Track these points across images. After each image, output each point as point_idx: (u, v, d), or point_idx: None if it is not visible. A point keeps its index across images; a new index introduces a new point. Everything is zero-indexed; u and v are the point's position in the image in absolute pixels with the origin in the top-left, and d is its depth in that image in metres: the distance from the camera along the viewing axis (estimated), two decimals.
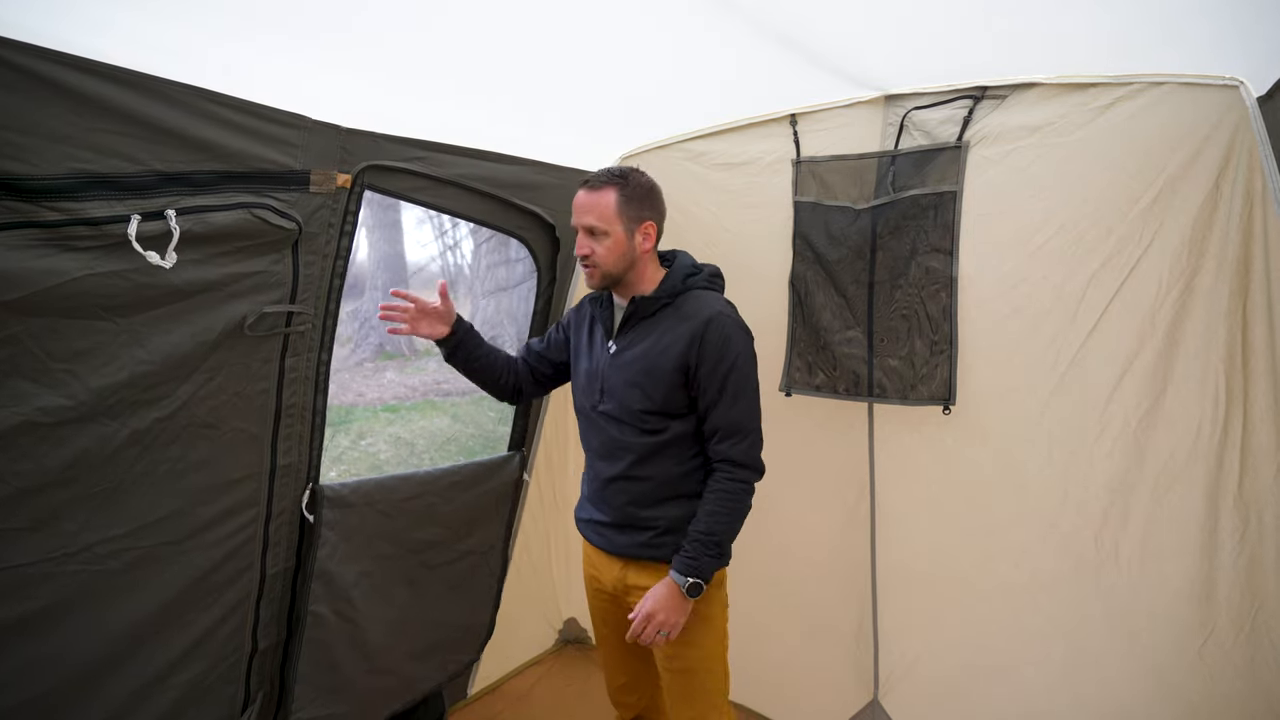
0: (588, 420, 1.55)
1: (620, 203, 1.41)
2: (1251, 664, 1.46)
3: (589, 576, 1.64)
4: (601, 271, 1.44)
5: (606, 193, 1.42)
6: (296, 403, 1.42)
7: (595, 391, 1.50)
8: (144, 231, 1.06)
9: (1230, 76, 1.36)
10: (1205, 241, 1.44)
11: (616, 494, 1.49)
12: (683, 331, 1.41)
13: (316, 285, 1.38)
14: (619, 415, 1.46)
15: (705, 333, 1.39)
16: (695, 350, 1.39)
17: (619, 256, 1.43)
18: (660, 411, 1.43)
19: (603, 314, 1.54)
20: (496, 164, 1.67)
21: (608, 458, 1.50)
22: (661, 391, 1.41)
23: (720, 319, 1.41)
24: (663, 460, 1.45)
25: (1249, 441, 1.44)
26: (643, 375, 1.43)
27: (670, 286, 1.46)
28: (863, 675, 2.02)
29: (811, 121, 1.82)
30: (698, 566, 1.37)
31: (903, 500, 1.88)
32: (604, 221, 1.41)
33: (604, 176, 1.44)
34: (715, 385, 1.40)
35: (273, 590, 1.50)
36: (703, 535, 1.38)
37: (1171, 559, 1.54)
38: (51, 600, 1.13)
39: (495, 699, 2.29)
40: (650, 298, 1.45)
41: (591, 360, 1.53)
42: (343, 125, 1.34)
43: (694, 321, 1.41)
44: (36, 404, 1.03)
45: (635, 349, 1.45)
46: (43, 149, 0.96)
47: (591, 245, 1.43)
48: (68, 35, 0.96)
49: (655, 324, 1.45)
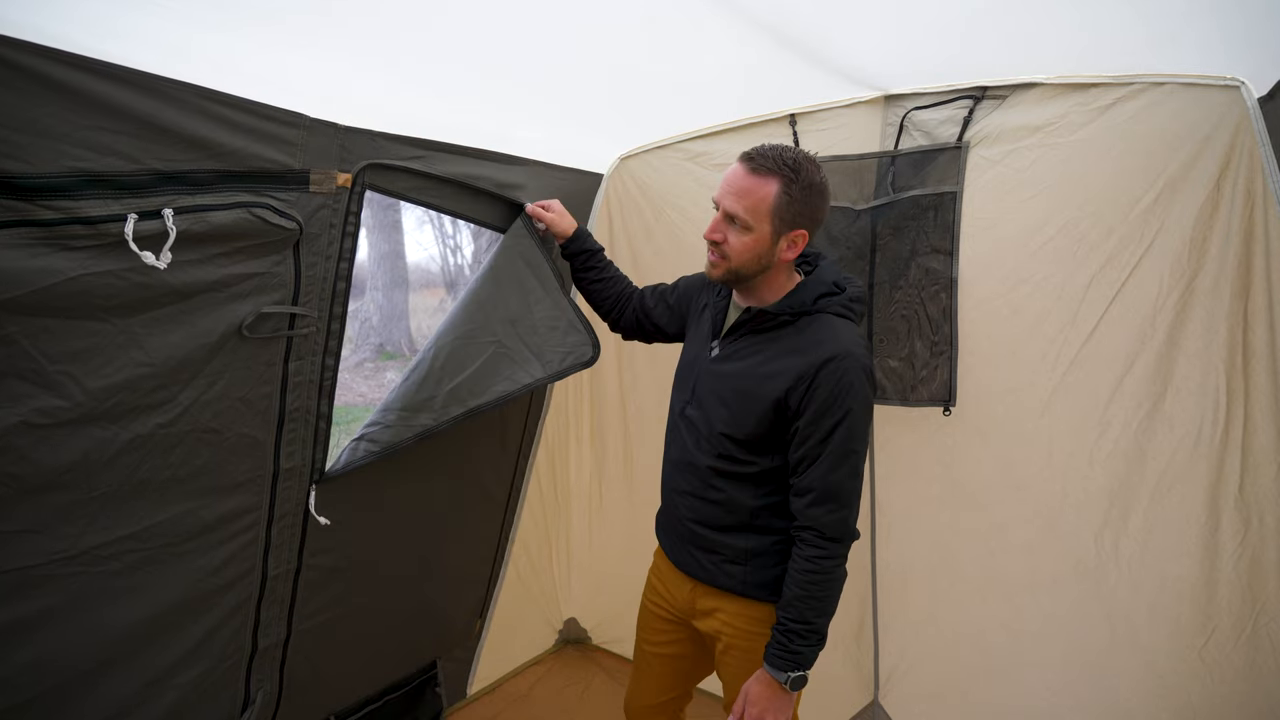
0: (672, 419, 1.41)
1: (780, 200, 1.19)
2: (1252, 665, 1.46)
3: (653, 587, 1.51)
4: (728, 267, 1.24)
5: (769, 182, 1.19)
6: (300, 407, 1.41)
7: (688, 389, 1.36)
8: (141, 231, 1.05)
9: (1231, 77, 1.36)
10: (1206, 242, 1.44)
11: (689, 510, 1.36)
12: (794, 363, 1.20)
13: (320, 287, 1.37)
14: (700, 426, 1.31)
15: (819, 374, 1.18)
16: (803, 390, 1.19)
17: (755, 257, 1.23)
18: (744, 441, 1.25)
19: (716, 304, 1.37)
20: (497, 164, 1.67)
21: (679, 467, 1.37)
22: (751, 423, 1.23)
23: (845, 360, 1.18)
24: (739, 486, 1.28)
25: (1250, 442, 1.43)
26: (734, 396, 1.26)
27: (797, 303, 1.25)
28: (863, 675, 2.02)
29: (811, 122, 1.82)
30: (799, 658, 1.20)
31: (903, 501, 1.88)
32: (752, 215, 1.20)
33: (772, 161, 1.19)
34: (818, 438, 1.19)
35: (274, 592, 1.50)
36: (798, 625, 1.20)
37: (1172, 560, 1.54)
38: (52, 602, 1.13)
39: (495, 699, 2.29)
40: (768, 312, 1.25)
41: (690, 355, 1.40)
42: (341, 123, 1.33)
43: (811, 356, 1.19)
44: (33, 405, 1.03)
45: (736, 363, 1.28)
46: (38, 147, 0.95)
47: (726, 233, 1.23)
48: (65, 32, 0.95)
49: (767, 342, 1.26)
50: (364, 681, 1.85)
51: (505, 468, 2.07)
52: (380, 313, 8.36)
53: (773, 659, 1.22)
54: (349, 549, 1.62)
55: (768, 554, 1.30)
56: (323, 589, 1.60)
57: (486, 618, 2.22)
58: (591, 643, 2.63)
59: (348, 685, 1.81)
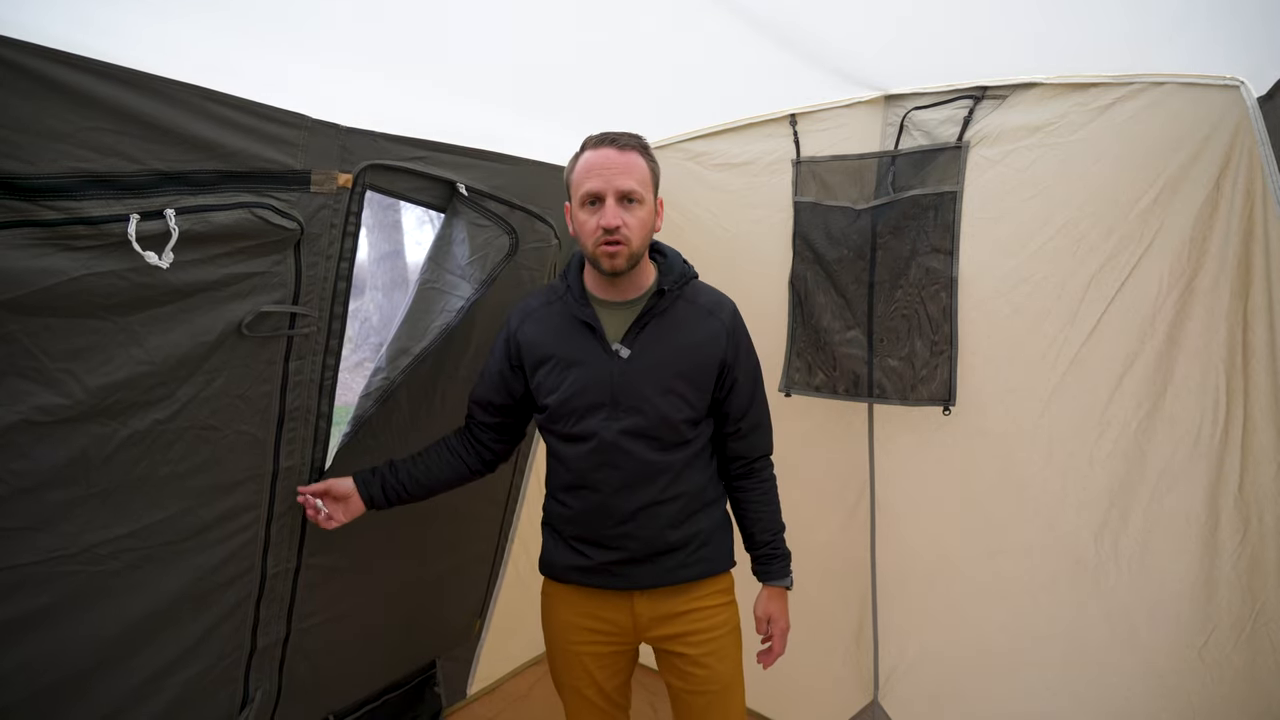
0: (595, 447, 1.27)
1: (650, 168, 1.25)
2: (1252, 665, 1.46)
3: (576, 629, 1.37)
4: (629, 251, 1.22)
5: (636, 155, 1.22)
6: (301, 406, 1.42)
7: (603, 407, 1.26)
8: (143, 231, 1.06)
9: (1231, 76, 1.36)
10: (1206, 241, 1.44)
11: (644, 524, 1.28)
12: (714, 324, 1.30)
13: (320, 287, 1.38)
14: (650, 431, 1.26)
15: (735, 325, 1.33)
16: (731, 344, 1.31)
17: (647, 231, 1.25)
18: (694, 419, 1.29)
19: (584, 314, 1.28)
20: (497, 164, 1.67)
21: (628, 487, 1.27)
22: (700, 395, 1.29)
23: (736, 308, 1.35)
24: (693, 473, 1.31)
25: (1249, 442, 1.43)
26: (679, 379, 1.26)
27: (679, 275, 1.31)
28: (863, 675, 2.02)
29: (811, 121, 1.82)
30: (789, 560, 1.41)
31: (903, 500, 1.88)
32: (642, 186, 1.22)
33: (627, 137, 1.23)
34: (746, 379, 1.34)
35: (273, 590, 1.50)
36: (778, 535, 1.41)
37: (1172, 559, 1.54)
38: (51, 599, 1.13)
39: (495, 699, 2.29)
40: (669, 290, 1.28)
41: (587, 372, 1.27)
42: (342, 124, 1.33)
43: (722, 315, 1.32)
44: (34, 403, 1.03)
45: (659, 350, 1.27)
46: (41, 148, 0.96)
47: (624, 216, 1.19)
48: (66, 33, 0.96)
49: (672, 320, 1.29)
50: (363, 681, 1.85)
51: (505, 467, 2.08)
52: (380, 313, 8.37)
53: (778, 572, 1.41)
54: (348, 548, 1.62)
55: (723, 523, 1.41)
56: (322, 588, 1.61)
57: (486, 618, 2.22)
58: None
59: (347, 684, 1.81)
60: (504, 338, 1.39)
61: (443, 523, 1.90)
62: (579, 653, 1.38)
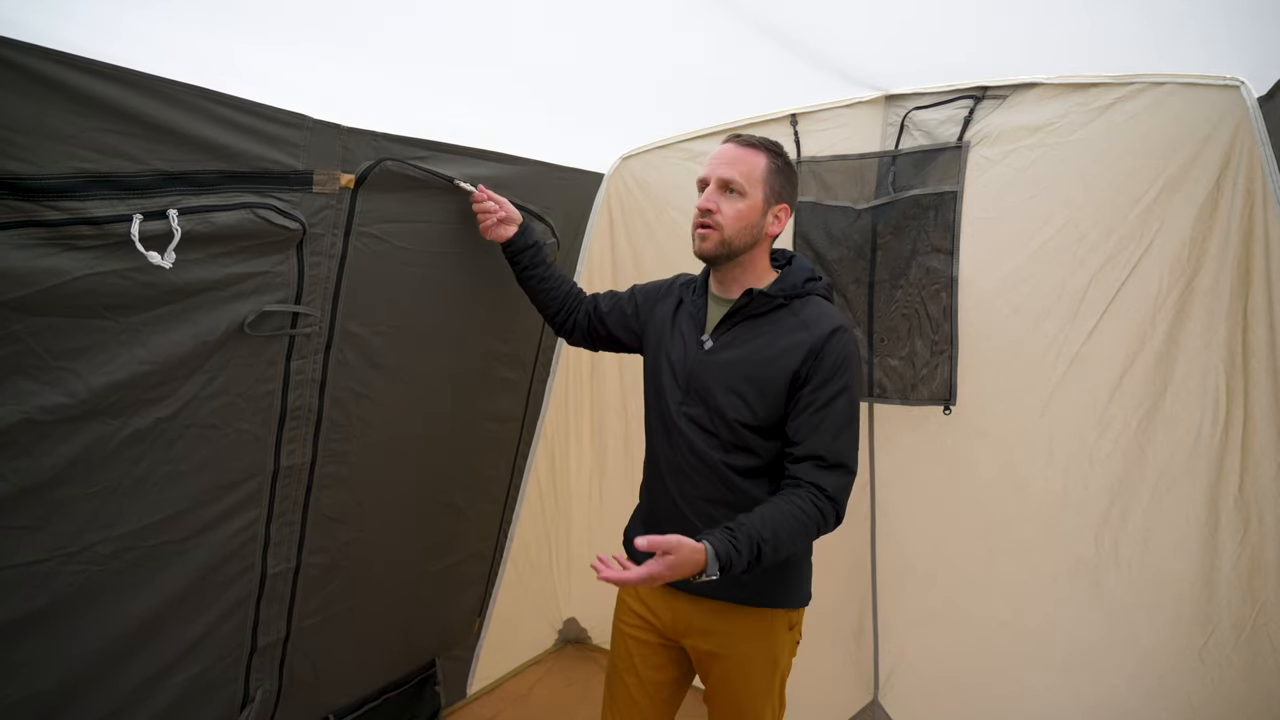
0: (663, 424, 1.34)
1: (770, 170, 1.26)
2: (1252, 665, 1.46)
3: (629, 610, 1.41)
4: (721, 237, 1.24)
5: (757, 154, 1.26)
6: (302, 405, 1.42)
7: (678, 389, 1.31)
8: (146, 231, 1.06)
9: (1231, 76, 1.36)
10: (1206, 241, 1.44)
11: (691, 518, 1.28)
12: (801, 340, 1.22)
13: (322, 287, 1.38)
14: (707, 424, 1.27)
15: (826, 346, 1.21)
16: (810, 363, 1.21)
17: (746, 227, 1.25)
18: (758, 427, 1.24)
19: (694, 301, 1.35)
20: (498, 164, 1.67)
21: (684, 473, 1.30)
22: (765, 404, 1.23)
23: (845, 335, 1.23)
24: (752, 486, 1.26)
25: (1249, 441, 1.44)
26: (745, 382, 1.24)
27: (789, 286, 1.28)
28: (863, 675, 2.02)
29: (812, 121, 1.82)
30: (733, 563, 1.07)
31: (903, 500, 1.88)
32: (747, 180, 1.24)
33: (757, 140, 1.28)
34: (819, 404, 1.20)
35: (274, 589, 1.50)
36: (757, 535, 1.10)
37: (1172, 559, 1.54)
38: (53, 598, 1.13)
39: (495, 699, 2.29)
40: (766, 293, 1.26)
41: (676, 353, 1.34)
42: (344, 125, 1.34)
43: (815, 331, 1.22)
44: (36, 402, 1.03)
45: (737, 350, 1.27)
46: (44, 148, 0.96)
47: (719, 202, 1.24)
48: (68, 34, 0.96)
49: (764, 326, 1.27)
50: (363, 680, 1.86)
51: (504, 467, 2.08)
52: None
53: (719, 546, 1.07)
54: (348, 547, 1.63)
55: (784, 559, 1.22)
56: (322, 587, 1.61)
57: (486, 617, 2.22)
58: (591, 643, 2.63)
59: (347, 683, 1.81)
60: (649, 291, 1.49)
61: (443, 522, 1.90)
62: (625, 634, 1.42)
